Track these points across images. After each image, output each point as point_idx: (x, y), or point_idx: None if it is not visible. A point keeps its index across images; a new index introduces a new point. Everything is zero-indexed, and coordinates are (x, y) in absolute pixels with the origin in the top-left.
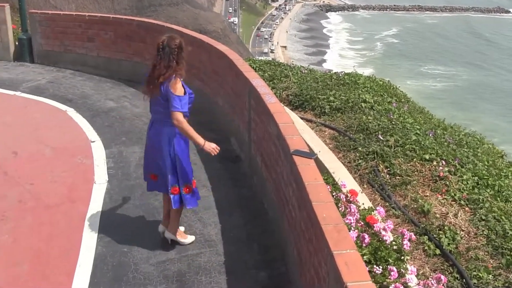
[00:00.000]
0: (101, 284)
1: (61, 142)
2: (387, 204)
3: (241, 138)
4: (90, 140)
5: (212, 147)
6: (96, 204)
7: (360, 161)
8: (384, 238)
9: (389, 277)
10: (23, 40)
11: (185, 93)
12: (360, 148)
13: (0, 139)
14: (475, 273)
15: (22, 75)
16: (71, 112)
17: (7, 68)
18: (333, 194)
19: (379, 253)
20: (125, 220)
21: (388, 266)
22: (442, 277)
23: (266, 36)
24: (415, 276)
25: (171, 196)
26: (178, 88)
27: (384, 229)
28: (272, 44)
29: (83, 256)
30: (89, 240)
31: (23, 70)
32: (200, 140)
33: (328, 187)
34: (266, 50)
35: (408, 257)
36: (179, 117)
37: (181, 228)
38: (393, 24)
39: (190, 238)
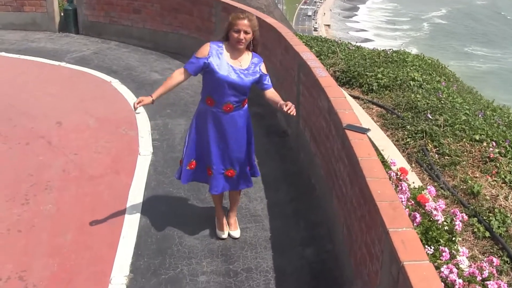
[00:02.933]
0: (145, 256)
1: (105, 113)
2: (435, 184)
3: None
4: (135, 112)
5: (137, 100)
6: (140, 176)
7: (408, 139)
8: (436, 218)
9: (440, 258)
10: (69, 11)
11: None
12: (408, 127)
13: (45, 110)
14: None
15: (67, 46)
16: (116, 83)
17: (52, 38)
18: None
19: (430, 233)
20: (169, 193)
21: (440, 247)
22: (495, 259)
23: (310, 14)
24: (466, 257)
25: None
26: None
27: (436, 209)
28: (316, 22)
29: (126, 227)
30: (133, 212)
31: (68, 41)
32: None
33: None
34: (316, 26)
35: (460, 239)
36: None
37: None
38: (442, 5)
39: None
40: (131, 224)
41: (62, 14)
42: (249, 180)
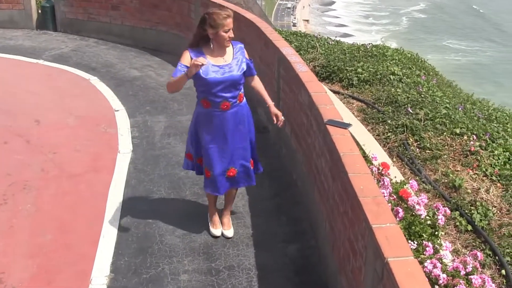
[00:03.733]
0: (125, 255)
1: (84, 111)
2: (417, 178)
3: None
4: (114, 109)
5: (195, 61)
6: (120, 174)
7: (389, 134)
8: (419, 212)
9: (423, 252)
10: (46, 8)
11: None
12: (389, 121)
13: (23, 108)
14: (508, 250)
15: (45, 43)
16: (95, 80)
17: (29, 36)
18: None
19: (413, 227)
20: (150, 191)
21: (423, 242)
22: (479, 253)
23: (290, 5)
24: (450, 252)
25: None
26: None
27: (418, 203)
28: (295, 18)
29: (107, 226)
30: (113, 211)
31: (46, 38)
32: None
33: None
34: (295, 21)
35: (442, 233)
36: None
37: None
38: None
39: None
40: (112, 222)
41: (39, 11)
42: (251, 178)
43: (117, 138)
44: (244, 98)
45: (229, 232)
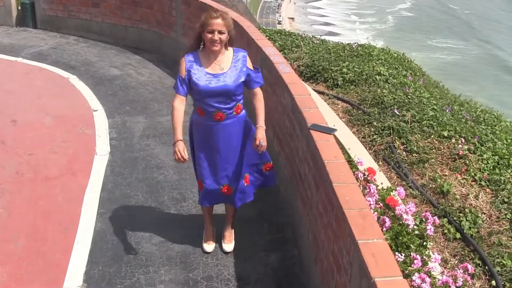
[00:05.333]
0: (100, 264)
1: (62, 110)
2: (403, 183)
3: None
4: (93, 109)
5: (177, 151)
6: (96, 177)
7: (375, 136)
8: (407, 222)
9: (411, 265)
10: (26, 4)
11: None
12: (375, 123)
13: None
14: (498, 260)
15: (24, 40)
16: (74, 79)
17: (9, 33)
18: None
19: (400, 238)
20: (127, 195)
21: (411, 254)
22: (469, 266)
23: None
24: (439, 264)
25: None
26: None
27: (406, 212)
28: (280, 16)
29: (81, 232)
30: (88, 216)
31: (25, 36)
32: (174, 136)
33: None
34: (280, 19)
35: (432, 244)
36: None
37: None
38: None
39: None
40: (86, 229)
41: (19, 8)
42: (248, 195)
43: (95, 139)
44: (243, 110)
45: (228, 247)
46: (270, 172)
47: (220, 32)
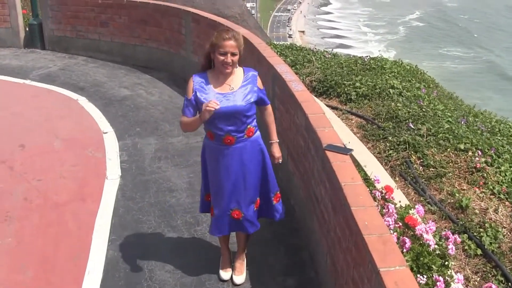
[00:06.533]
0: None
1: (71, 133)
2: (421, 198)
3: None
4: (103, 131)
5: (207, 106)
6: (107, 202)
7: (390, 151)
8: (427, 242)
9: (434, 287)
10: (34, 25)
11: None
12: (390, 138)
13: (8, 131)
14: None
15: (32, 62)
16: (83, 101)
17: (17, 55)
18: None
19: (421, 259)
20: (139, 220)
21: (434, 275)
22: (494, 286)
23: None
24: (462, 284)
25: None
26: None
27: (426, 232)
28: (290, 29)
29: (92, 261)
30: (100, 243)
31: (33, 57)
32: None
33: None
34: (290, 32)
35: (453, 263)
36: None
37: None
38: (415, 8)
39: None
40: (97, 256)
41: (27, 29)
42: (256, 223)
43: (105, 162)
44: (257, 132)
45: (239, 279)
46: (278, 204)
47: (233, 54)
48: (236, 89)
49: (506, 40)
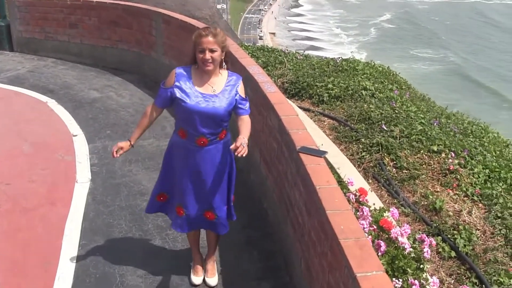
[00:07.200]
0: None
1: (41, 136)
2: (395, 201)
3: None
4: (72, 134)
5: (113, 147)
6: (77, 206)
7: (363, 153)
8: (403, 245)
9: None
10: (1, 27)
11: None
12: (363, 139)
13: None
14: (495, 277)
15: (0, 64)
16: (52, 103)
17: None
18: None
19: (396, 262)
20: (110, 224)
21: (409, 279)
22: None
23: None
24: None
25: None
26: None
27: (401, 235)
28: (261, 31)
29: (62, 266)
30: (70, 248)
31: (1, 59)
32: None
33: None
34: (261, 34)
35: (428, 266)
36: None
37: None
38: (386, 10)
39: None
40: (68, 262)
41: None
42: (227, 225)
43: (75, 166)
44: (228, 135)
45: (212, 280)
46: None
47: (212, 51)
48: (218, 91)
49: (472, 42)
